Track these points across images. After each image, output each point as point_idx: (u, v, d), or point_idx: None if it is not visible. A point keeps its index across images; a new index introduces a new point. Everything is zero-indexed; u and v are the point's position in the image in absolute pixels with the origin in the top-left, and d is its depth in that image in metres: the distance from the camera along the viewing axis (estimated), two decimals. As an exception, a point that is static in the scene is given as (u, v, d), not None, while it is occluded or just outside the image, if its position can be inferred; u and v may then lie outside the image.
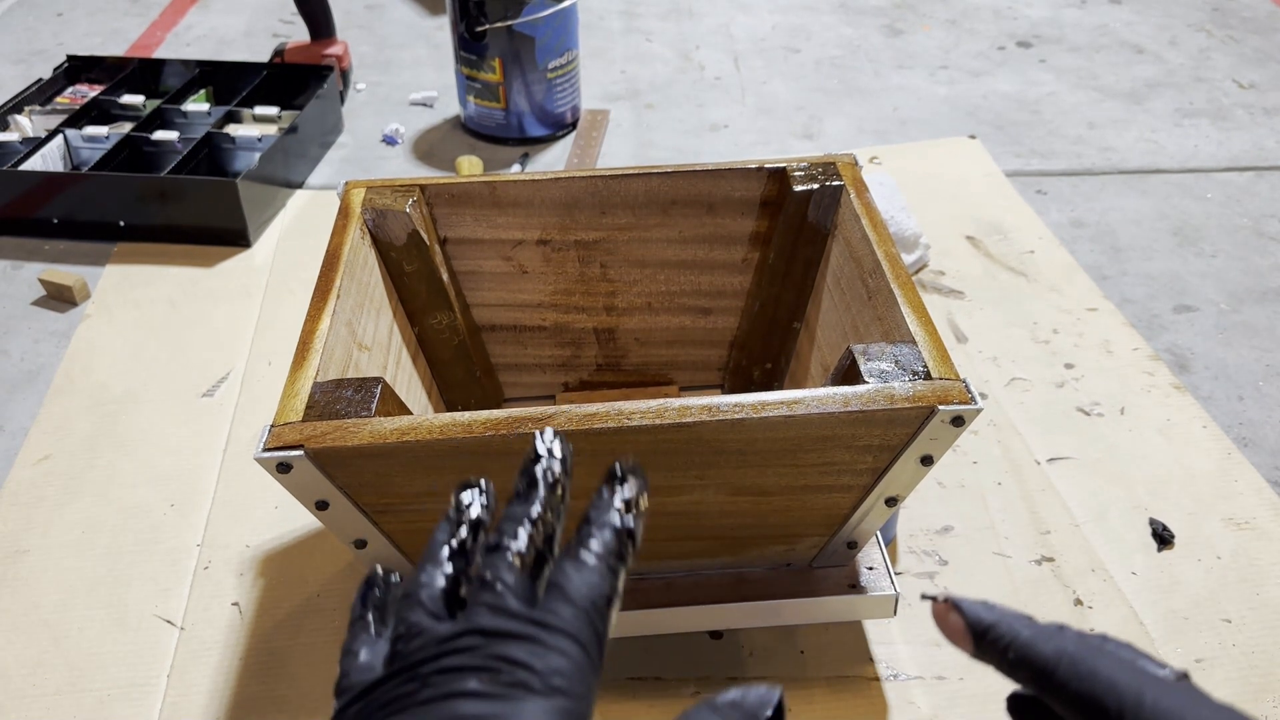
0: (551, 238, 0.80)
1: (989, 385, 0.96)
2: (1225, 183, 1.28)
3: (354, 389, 0.57)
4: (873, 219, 0.71)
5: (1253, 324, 1.04)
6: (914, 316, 0.61)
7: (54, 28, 1.72)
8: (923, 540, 0.81)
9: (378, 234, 0.74)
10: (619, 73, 1.56)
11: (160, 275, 1.13)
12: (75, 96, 1.36)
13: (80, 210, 1.17)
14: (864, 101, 1.47)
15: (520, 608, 0.31)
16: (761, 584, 0.68)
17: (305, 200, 1.25)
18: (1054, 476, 0.86)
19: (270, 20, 1.74)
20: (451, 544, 0.34)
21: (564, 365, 0.86)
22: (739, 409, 0.54)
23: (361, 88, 1.52)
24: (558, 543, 0.33)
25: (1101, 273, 1.12)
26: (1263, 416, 0.93)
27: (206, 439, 0.92)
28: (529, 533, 0.32)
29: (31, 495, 0.86)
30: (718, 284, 0.83)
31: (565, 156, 1.35)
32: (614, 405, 0.54)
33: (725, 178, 0.78)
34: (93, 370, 1.00)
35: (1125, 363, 0.99)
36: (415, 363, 0.78)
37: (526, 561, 0.32)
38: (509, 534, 0.32)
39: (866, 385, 0.56)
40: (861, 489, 0.60)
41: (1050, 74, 1.55)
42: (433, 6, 1.77)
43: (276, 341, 1.02)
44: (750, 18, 1.74)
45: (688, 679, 0.71)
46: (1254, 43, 1.62)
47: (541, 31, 1.28)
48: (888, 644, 0.73)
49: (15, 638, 0.75)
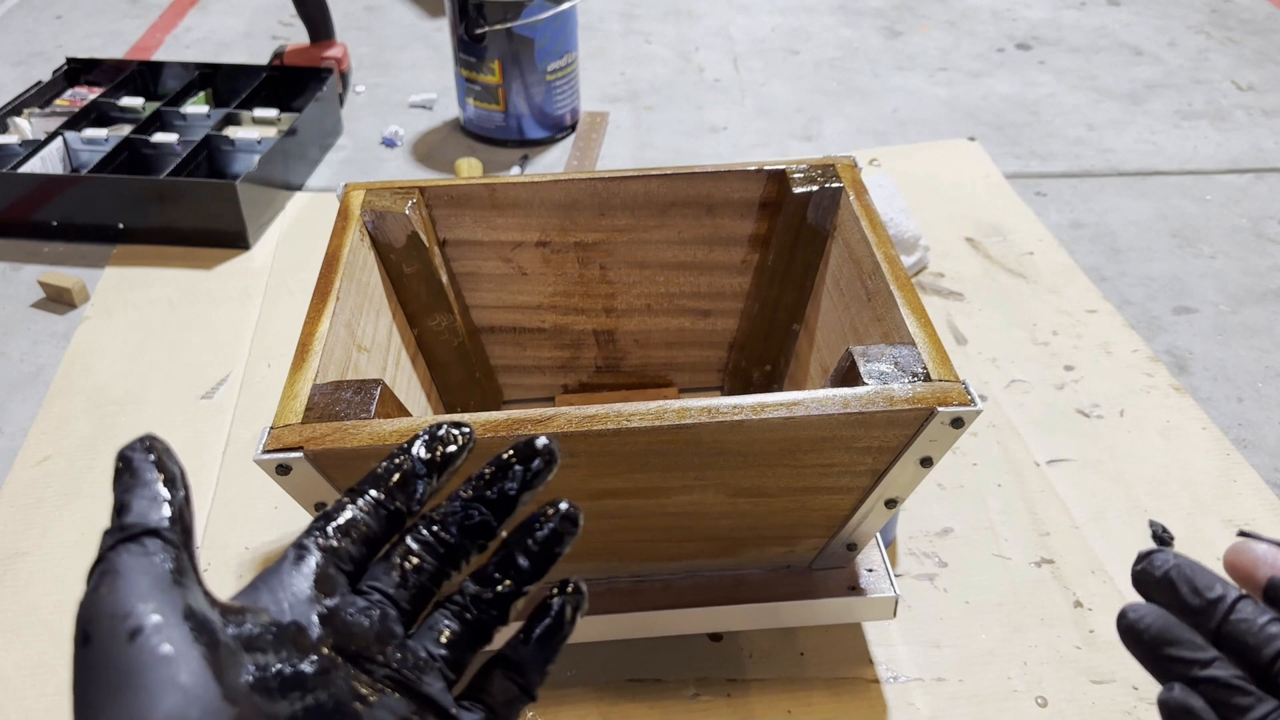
0: (551, 239, 0.80)
1: (988, 387, 0.96)
2: (1224, 184, 1.28)
3: (353, 391, 0.57)
4: (872, 221, 0.71)
5: (1252, 325, 1.04)
6: (913, 318, 0.61)
7: (53, 30, 1.72)
8: (922, 542, 0.81)
9: (377, 236, 0.74)
10: (618, 75, 1.57)
11: (160, 277, 1.13)
12: (74, 99, 1.36)
13: (80, 212, 1.17)
14: (863, 103, 1.48)
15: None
16: (761, 586, 0.68)
17: (304, 202, 1.25)
18: (1054, 478, 0.86)
19: (269, 22, 1.74)
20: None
21: (563, 367, 0.86)
22: (738, 410, 0.54)
23: (361, 90, 1.52)
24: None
25: (1101, 274, 1.12)
26: (1262, 417, 0.93)
27: (206, 440, 0.92)
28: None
29: (31, 497, 0.86)
30: (717, 285, 0.83)
31: (565, 158, 1.35)
32: (613, 407, 0.54)
33: (724, 179, 0.78)
34: (92, 372, 1.00)
35: (1125, 364, 0.99)
36: (415, 364, 0.78)
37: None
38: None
39: (866, 387, 0.56)
40: (861, 490, 0.60)
41: (1049, 75, 1.55)
42: (432, 8, 1.77)
43: (276, 343, 1.02)
44: (749, 19, 1.74)
45: (687, 681, 0.71)
46: (1253, 44, 1.62)
47: (541, 34, 1.28)
48: (887, 646, 0.73)
49: (14, 639, 0.75)
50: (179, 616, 0.28)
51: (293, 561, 0.33)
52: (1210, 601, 0.33)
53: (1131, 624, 0.34)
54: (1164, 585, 0.34)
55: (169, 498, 0.30)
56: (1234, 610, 0.33)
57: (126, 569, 0.28)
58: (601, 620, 0.67)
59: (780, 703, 0.70)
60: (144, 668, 0.26)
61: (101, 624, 0.27)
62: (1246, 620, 0.32)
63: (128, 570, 0.28)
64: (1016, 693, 0.70)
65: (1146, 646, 0.34)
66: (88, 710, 0.26)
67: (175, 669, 0.26)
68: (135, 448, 0.32)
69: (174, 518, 0.30)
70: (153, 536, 0.29)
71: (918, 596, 0.77)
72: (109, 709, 0.26)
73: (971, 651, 0.73)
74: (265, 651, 0.30)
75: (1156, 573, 0.34)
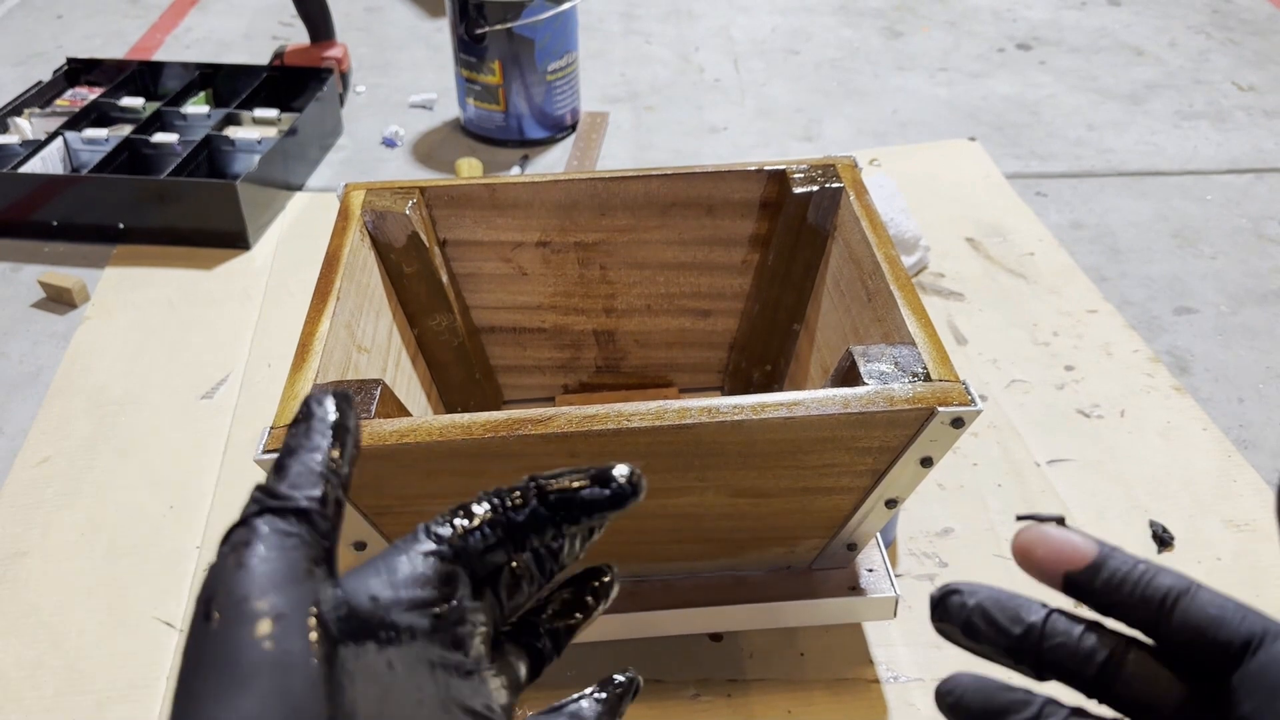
0: (551, 240, 0.80)
1: (989, 387, 0.96)
2: (1225, 185, 1.28)
3: (353, 391, 0.57)
4: (872, 221, 0.70)
5: (1252, 326, 1.04)
6: (914, 318, 0.61)
7: (53, 30, 1.72)
8: (923, 542, 0.81)
9: (377, 236, 0.74)
10: (618, 75, 1.56)
11: (160, 277, 1.13)
12: (75, 99, 1.36)
13: (80, 213, 1.17)
14: (864, 103, 1.47)
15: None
16: (761, 586, 0.68)
17: (305, 202, 1.25)
18: (1054, 478, 0.86)
19: (270, 23, 1.74)
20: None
21: (563, 367, 0.86)
22: (738, 410, 0.54)
23: (361, 90, 1.52)
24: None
25: (1101, 274, 1.12)
26: (1263, 418, 0.93)
27: (206, 441, 0.92)
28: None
29: (31, 497, 0.86)
30: (717, 286, 0.83)
31: (565, 159, 1.35)
32: (613, 407, 0.54)
33: (725, 180, 0.77)
34: (92, 372, 0.99)
35: (1125, 364, 0.98)
36: (415, 365, 0.78)
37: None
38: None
39: (866, 387, 0.56)
40: (861, 491, 0.60)
41: (1050, 76, 1.55)
42: (432, 9, 1.77)
43: (276, 343, 1.02)
44: (750, 19, 1.74)
45: (687, 681, 0.71)
46: (1253, 45, 1.62)
47: (541, 34, 1.28)
48: (888, 646, 0.73)
49: (14, 640, 0.75)
50: (305, 615, 0.26)
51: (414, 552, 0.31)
52: (1023, 632, 0.30)
53: (953, 705, 0.31)
54: (970, 630, 0.31)
55: (327, 474, 0.29)
56: (1046, 635, 0.30)
57: (265, 545, 0.27)
58: (602, 620, 0.67)
59: (780, 703, 0.70)
60: (257, 669, 0.25)
61: (227, 605, 0.26)
62: (1062, 643, 0.30)
63: (266, 547, 0.27)
64: (1017, 693, 0.70)
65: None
66: (191, 696, 0.25)
67: (288, 679, 0.25)
68: (320, 400, 0.30)
69: (325, 498, 0.29)
70: (301, 518, 0.28)
71: (918, 597, 0.77)
72: (208, 703, 0.25)
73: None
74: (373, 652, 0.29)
75: (958, 619, 0.31)
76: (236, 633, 0.26)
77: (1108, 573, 0.30)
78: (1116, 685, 0.30)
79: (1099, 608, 0.31)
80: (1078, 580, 0.31)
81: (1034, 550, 0.31)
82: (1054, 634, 0.30)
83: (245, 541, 0.27)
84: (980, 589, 0.31)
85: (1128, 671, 0.30)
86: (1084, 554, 0.31)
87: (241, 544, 0.27)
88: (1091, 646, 0.30)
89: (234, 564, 0.27)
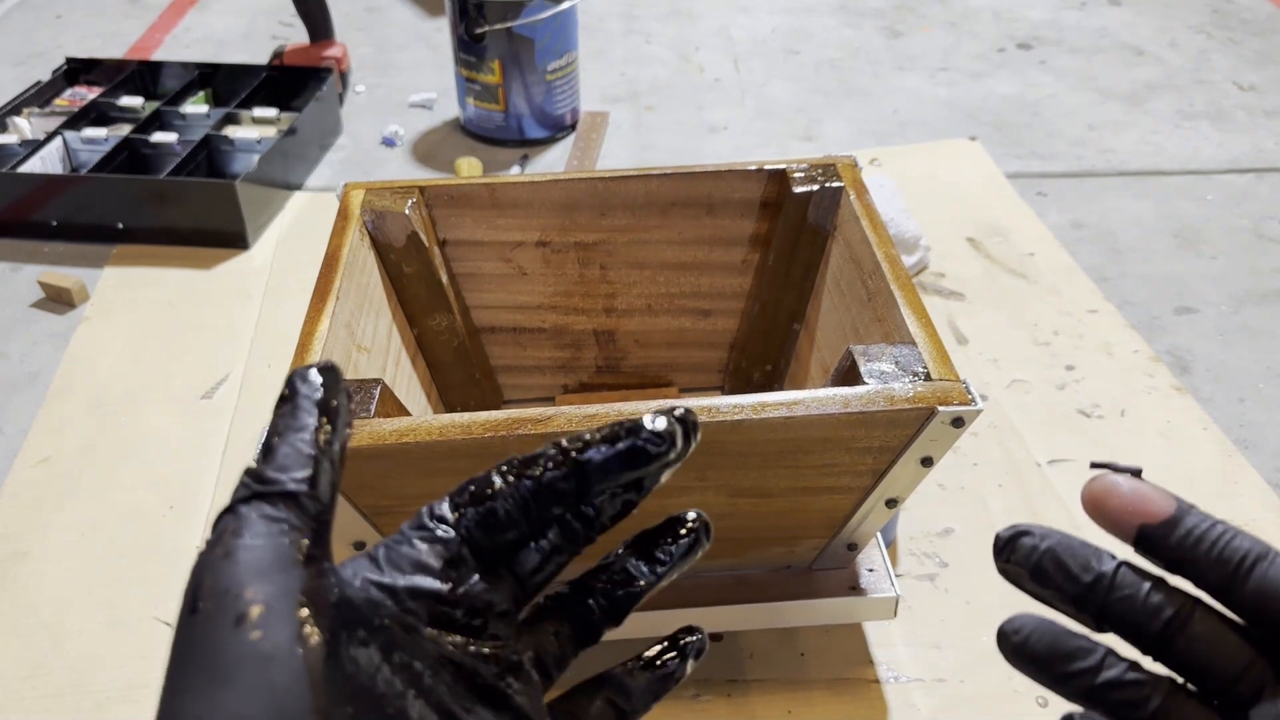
0: (551, 239, 0.80)
1: (989, 387, 0.96)
2: (1225, 184, 1.28)
3: (353, 390, 0.57)
4: (873, 220, 0.70)
5: (1253, 326, 1.04)
6: (914, 318, 0.61)
7: (53, 30, 1.72)
8: (923, 542, 0.81)
9: (377, 236, 0.74)
10: (618, 74, 1.56)
11: (159, 277, 1.13)
12: (74, 99, 1.36)
13: (79, 212, 1.17)
14: (864, 103, 1.47)
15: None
16: (762, 586, 0.68)
17: (304, 202, 1.25)
18: (1054, 478, 0.86)
19: (269, 22, 1.74)
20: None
21: (563, 367, 0.86)
22: (739, 410, 0.54)
23: (360, 90, 1.52)
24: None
25: (1102, 274, 1.12)
26: (1264, 418, 0.93)
27: (206, 441, 0.91)
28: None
29: (30, 497, 0.86)
30: (717, 285, 0.82)
31: (565, 158, 1.35)
32: (613, 406, 0.54)
33: (725, 179, 0.77)
34: (92, 372, 0.99)
35: (1126, 364, 0.98)
36: (414, 364, 0.78)
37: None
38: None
39: (866, 386, 0.55)
40: (862, 490, 0.60)
41: (1050, 76, 1.54)
42: (432, 8, 1.77)
43: (275, 343, 1.02)
44: (750, 19, 1.74)
45: (687, 681, 0.71)
46: (1254, 45, 1.62)
47: (541, 33, 1.28)
48: (888, 646, 0.73)
49: (14, 640, 0.75)
50: (293, 604, 0.25)
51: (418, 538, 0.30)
52: (1092, 581, 0.30)
53: (1018, 646, 0.31)
54: (1038, 574, 0.31)
55: (316, 454, 0.28)
56: (1115, 586, 0.29)
57: (251, 533, 0.26)
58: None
59: (781, 703, 0.69)
60: (240, 662, 0.24)
61: (212, 597, 0.25)
62: (1130, 596, 0.29)
63: (252, 534, 0.26)
64: (1018, 693, 0.70)
65: (1039, 666, 0.31)
66: (175, 691, 0.25)
67: (272, 672, 0.24)
68: (305, 375, 0.29)
69: (315, 479, 0.27)
70: (289, 502, 0.27)
71: (918, 597, 0.77)
72: (191, 698, 0.24)
73: (973, 652, 0.73)
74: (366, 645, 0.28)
75: (1027, 562, 0.31)
76: (221, 625, 0.25)
77: (1184, 529, 0.29)
78: (1178, 643, 0.29)
79: (1170, 565, 0.30)
80: (1152, 535, 0.30)
81: (1107, 500, 0.30)
82: (1123, 585, 0.30)
83: (231, 529, 0.26)
84: (1052, 533, 0.31)
85: (1193, 630, 0.29)
86: (1162, 508, 0.30)
87: (228, 532, 0.26)
88: (1159, 602, 0.29)
89: (220, 553, 0.26)
